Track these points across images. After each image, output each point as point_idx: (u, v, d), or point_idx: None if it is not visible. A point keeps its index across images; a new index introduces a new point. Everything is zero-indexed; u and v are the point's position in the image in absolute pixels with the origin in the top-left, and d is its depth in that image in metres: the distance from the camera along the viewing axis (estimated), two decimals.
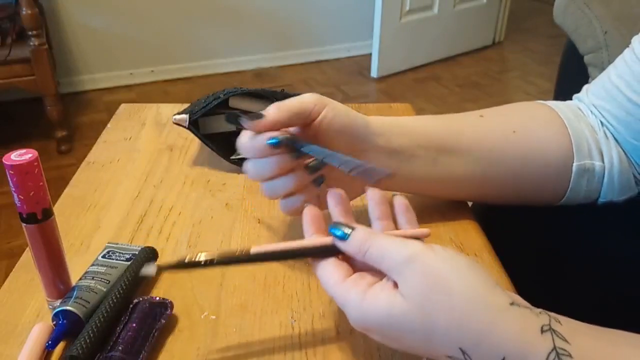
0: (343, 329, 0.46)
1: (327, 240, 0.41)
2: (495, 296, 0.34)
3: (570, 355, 0.32)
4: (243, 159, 0.70)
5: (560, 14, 1.24)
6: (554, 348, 0.32)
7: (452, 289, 0.34)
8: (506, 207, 0.57)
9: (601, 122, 0.54)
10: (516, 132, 0.53)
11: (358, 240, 0.38)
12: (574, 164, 0.52)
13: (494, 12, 3.26)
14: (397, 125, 0.51)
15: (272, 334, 0.45)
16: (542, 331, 0.33)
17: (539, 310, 0.35)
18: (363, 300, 0.36)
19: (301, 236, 0.57)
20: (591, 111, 0.55)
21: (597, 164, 0.53)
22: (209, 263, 0.40)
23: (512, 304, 0.34)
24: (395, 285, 0.36)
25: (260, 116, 0.45)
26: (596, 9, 1.12)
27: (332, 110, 0.48)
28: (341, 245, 0.39)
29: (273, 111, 0.46)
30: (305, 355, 0.43)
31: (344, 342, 0.44)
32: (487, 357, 0.33)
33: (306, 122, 0.47)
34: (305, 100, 0.47)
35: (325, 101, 0.48)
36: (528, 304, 0.35)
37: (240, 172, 0.68)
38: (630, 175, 0.54)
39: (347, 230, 0.39)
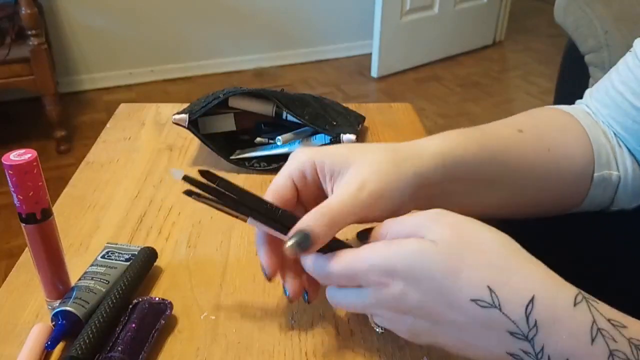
0: (343, 329, 0.46)
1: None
2: (523, 251, 0.35)
3: (595, 301, 0.33)
4: (243, 159, 0.70)
5: (560, 14, 1.24)
6: (580, 292, 0.33)
7: (482, 236, 0.35)
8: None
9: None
10: (550, 151, 0.51)
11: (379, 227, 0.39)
12: (595, 174, 0.51)
13: (494, 12, 3.26)
14: (443, 168, 0.43)
15: (272, 334, 0.45)
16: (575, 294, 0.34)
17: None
18: (390, 244, 0.36)
19: None
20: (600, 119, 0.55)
21: (615, 173, 0.52)
22: (233, 204, 0.38)
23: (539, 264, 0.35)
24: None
25: (307, 241, 0.38)
26: (597, 9, 1.12)
27: (384, 203, 0.40)
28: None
29: (324, 231, 0.38)
30: (305, 355, 0.43)
31: (344, 342, 0.44)
32: (515, 295, 0.33)
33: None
34: (360, 210, 0.39)
35: (378, 194, 0.39)
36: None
37: (240, 172, 0.68)
38: None
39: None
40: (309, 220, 0.37)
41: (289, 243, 0.37)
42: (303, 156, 0.42)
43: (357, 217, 0.39)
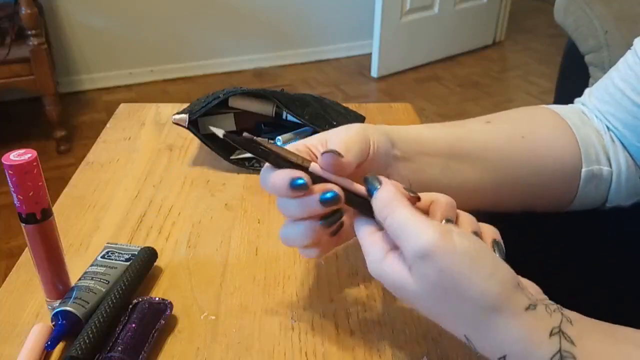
0: (343, 329, 0.46)
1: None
2: (512, 301, 0.34)
3: (574, 357, 0.32)
4: (243, 159, 0.70)
5: (561, 14, 1.24)
6: (559, 351, 0.33)
7: (466, 293, 0.33)
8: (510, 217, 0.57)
9: (607, 126, 0.54)
10: (524, 138, 0.52)
11: (380, 202, 0.37)
12: (583, 170, 0.52)
13: (494, 12, 3.26)
14: (406, 133, 0.49)
15: (272, 334, 0.45)
16: (551, 334, 0.33)
17: (555, 307, 0.35)
18: (382, 261, 0.37)
19: None
20: (595, 115, 0.55)
21: (605, 169, 0.52)
22: (268, 155, 0.39)
23: (527, 308, 0.34)
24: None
25: (335, 152, 0.39)
26: (597, 9, 1.12)
27: (377, 139, 0.44)
28: (371, 199, 0.38)
29: (347, 156, 0.40)
30: (305, 355, 0.43)
31: (344, 342, 0.44)
32: (489, 349, 0.34)
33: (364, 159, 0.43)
34: (360, 139, 0.42)
35: (370, 131, 0.44)
36: (546, 299, 0.36)
37: (240, 172, 0.68)
38: (637, 180, 0.53)
39: (377, 185, 0.38)
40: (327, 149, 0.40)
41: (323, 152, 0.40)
42: (295, 143, 0.44)
43: (362, 141, 0.42)
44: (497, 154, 0.52)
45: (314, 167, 0.40)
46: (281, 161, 0.39)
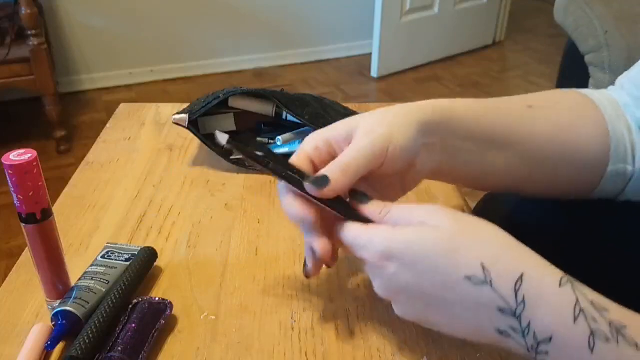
0: (343, 329, 0.46)
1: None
2: (520, 243, 0.37)
3: (582, 285, 0.35)
4: (243, 159, 0.70)
5: (561, 14, 1.24)
6: (567, 276, 0.35)
7: (480, 225, 0.38)
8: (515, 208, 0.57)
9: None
10: (564, 131, 0.51)
11: (378, 204, 0.41)
12: (609, 168, 0.51)
13: (494, 12, 3.26)
14: (448, 118, 0.46)
15: (272, 334, 0.45)
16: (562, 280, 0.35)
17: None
18: (393, 229, 0.38)
19: (301, 238, 0.57)
20: (625, 106, 0.54)
21: (630, 168, 0.52)
22: (266, 164, 0.40)
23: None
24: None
25: (325, 181, 0.40)
26: (597, 9, 1.12)
27: (394, 148, 0.42)
28: (362, 207, 0.41)
29: (339, 177, 0.40)
30: (305, 355, 0.43)
31: (344, 342, 0.44)
32: (506, 272, 0.35)
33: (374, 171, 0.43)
34: (372, 153, 0.41)
35: (386, 139, 0.42)
36: None
37: (240, 172, 0.68)
38: None
39: (367, 198, 0.42)
40: (326, 170, 0.41)
41: (309, 180, 0.40)
42: (314, 135, 0.44)
43: (369, 163, 0.41)
44: (537, 145, 0.51)
45: (308, 187, 0.40)
46: (278, 171, 0.40)
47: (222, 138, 0.40)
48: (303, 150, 0.44)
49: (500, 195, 0.66)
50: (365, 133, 0.42)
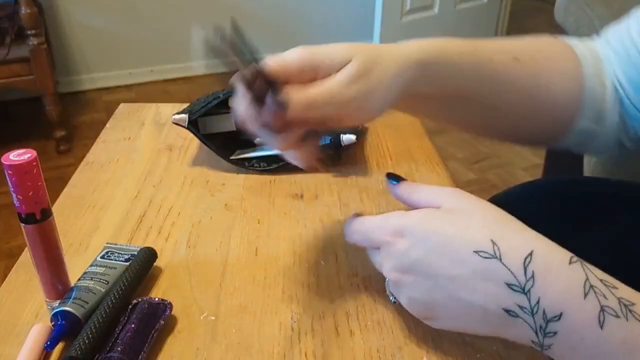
0: (343, 329, 0.45)
1: None
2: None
3: (590, 264, 0.35)
4: (243, 159, 0.70)
5: (561, 14, 1.24)
6: (576, 256, 0.35)
7: (491, 207, 0.39)
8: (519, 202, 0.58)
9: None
10: (541, 90, 0.52)
11: (407, 185, 0.43)
12: (577, 125, 0.52)
13: (494, 12, 3.26)
14: (439, 70, 0.47)
15: (272, 335, 0.45)
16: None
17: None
18: (405, 213, 0.40)
19: (301, 238, 0.57)
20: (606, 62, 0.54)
21: (597, 128, 0.53)
22: None
23: None
24: None
25: (283, 107, 0.41)
26: (597, 9, 1.12)
27: (372, 104, 0.44)
28: (393, 189, 0.44)
29: (300, 110, 0.42)
30: (305, 355, 0.43)
31: (344, 342, 0.44)
32: (515, 248, 0.35)
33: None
34: (346, 104, 0.43)
35: (370, 92, 0.43)
36: None
37: (239, 172, 0.68)
38: (619, 136, 0.54)
39: (397, 181, 0.44)
40: (293, 93, 0.42)
41: (272, 98, 0.41)
42: (304, 55, 0.46)
43: (338, 110, 0.42)
44: (514, 101, 0.52)
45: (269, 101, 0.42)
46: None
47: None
48: (285, 66, 0.45)
49: (500, 196, 0.66)
50: (357, 77, 0.42)
